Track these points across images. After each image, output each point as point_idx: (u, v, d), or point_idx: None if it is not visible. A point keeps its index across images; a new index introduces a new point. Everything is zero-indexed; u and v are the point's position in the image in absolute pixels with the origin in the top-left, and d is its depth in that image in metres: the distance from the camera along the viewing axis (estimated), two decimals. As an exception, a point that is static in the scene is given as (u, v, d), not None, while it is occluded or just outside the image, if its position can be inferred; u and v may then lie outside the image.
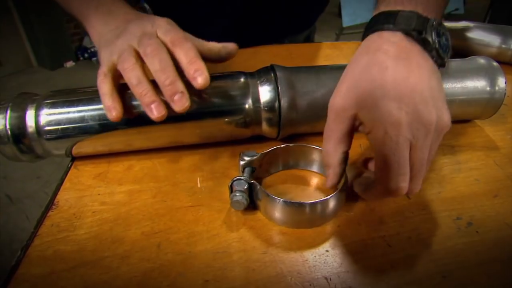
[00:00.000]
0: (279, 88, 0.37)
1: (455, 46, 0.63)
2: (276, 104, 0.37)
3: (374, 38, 0.29)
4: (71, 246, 0.30)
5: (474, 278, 0.27)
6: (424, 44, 0.28)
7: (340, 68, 0.40)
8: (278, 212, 0.31)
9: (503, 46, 0.59)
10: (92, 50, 3.15)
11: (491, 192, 0.35)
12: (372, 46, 0.29)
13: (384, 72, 0.26)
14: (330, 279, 0.27)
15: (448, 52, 0.30)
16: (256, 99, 0.37)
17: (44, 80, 2.91)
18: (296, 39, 0.76)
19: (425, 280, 0.27)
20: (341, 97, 0.28)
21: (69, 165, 0.39)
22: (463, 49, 0.62)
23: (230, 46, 0.38)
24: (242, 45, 0.47)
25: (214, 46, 0.37)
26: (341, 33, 2.48)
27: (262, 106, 0.37)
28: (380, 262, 0.29)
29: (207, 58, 0.36)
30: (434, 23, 0.28)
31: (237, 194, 0.31)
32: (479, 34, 0.60)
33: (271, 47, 0.69)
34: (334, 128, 0.29)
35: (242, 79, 0.38)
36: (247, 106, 0.37)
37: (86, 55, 3.20)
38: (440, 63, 0.29)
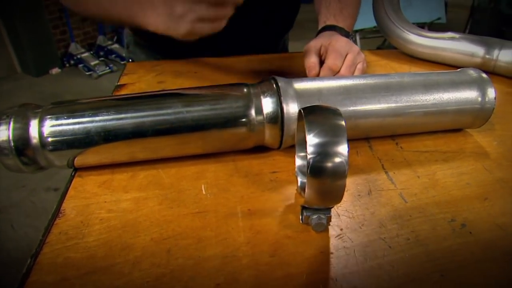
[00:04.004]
0: (282, 99, 0.38)
1: (442, 56, 0.66)
2: (279, 116, 0.38)
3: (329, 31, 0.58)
4: (81, 253, 0.30)
5: (470, 276, 0.29)
6: (347, 36, 0.58)
7: (342, 80, 0.42)
8: None
9: (487, 56, 0.62)
10: (78, 56, 3.11)
11: (482, 195, 0.37)
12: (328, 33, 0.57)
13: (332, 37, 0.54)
14: (337, 280, 0.28)
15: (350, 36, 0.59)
16: (259, 111, 0.38)
17: (28, 87, 2.85)
18: (275, 44, 0.83)
19: (425, 279, 0.29)
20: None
21: (72, 174, 0.40)
22: (449, 59, 0.65)
23: None
24: (220, 52, 0.51)
25: None
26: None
27: (265, 117, 0.38)
28: (381, 263, 0.30)
29: None
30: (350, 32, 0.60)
31: (315, 216, 0.32)
32: (464, 45, 0.63)
33: (265, 56, 0.71)
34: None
35: (244, 91, 0.39)
36: (250, 118, 0.38)
37: (72, 61, 3.16)
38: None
